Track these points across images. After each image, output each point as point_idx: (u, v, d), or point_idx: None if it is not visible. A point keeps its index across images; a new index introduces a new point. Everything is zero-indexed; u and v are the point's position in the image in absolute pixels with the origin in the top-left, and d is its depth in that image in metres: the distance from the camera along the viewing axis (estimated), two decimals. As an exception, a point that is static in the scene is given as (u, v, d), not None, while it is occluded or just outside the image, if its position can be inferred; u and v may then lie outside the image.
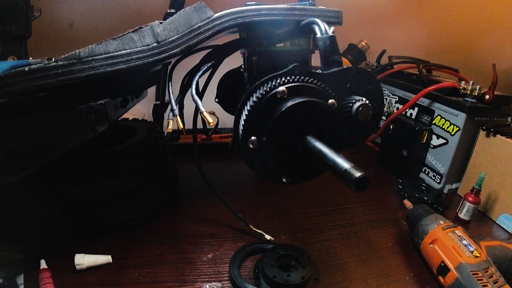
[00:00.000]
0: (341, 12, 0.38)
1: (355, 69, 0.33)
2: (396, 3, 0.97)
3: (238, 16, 0.34)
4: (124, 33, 0.32)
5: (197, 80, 0.38)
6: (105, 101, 0.33)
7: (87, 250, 0.42)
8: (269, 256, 0.40)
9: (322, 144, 0.26)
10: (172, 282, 0.40)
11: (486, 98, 0.58)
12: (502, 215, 0.54)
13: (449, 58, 1.05)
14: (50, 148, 0.32)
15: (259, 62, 0.39)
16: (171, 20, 0.33)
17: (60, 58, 0.29)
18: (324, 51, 0.32)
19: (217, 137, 0.82)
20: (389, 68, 0.84)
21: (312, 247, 0.47)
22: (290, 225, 0.52)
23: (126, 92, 0.43)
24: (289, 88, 0.28)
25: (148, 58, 0.33)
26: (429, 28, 1.05)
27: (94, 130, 0.32)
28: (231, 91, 0.55)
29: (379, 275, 0.42)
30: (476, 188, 0.52)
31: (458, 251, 0.39)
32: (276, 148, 0.28)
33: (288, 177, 0.32)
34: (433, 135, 0.65)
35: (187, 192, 0.61)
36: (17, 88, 0.28)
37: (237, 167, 0.72)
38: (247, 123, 0.29)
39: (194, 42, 0.34)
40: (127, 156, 0.46)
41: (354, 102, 0.31)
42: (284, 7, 0.35)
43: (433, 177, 0.66)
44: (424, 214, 0.46)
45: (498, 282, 0.35)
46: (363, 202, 0.59)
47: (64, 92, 0.31)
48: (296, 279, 0.37)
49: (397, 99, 0.78)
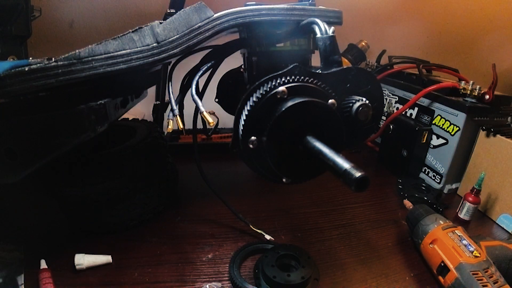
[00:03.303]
0: (341, 12, 0.38)
1: (355, 69, 0.33)
2: (396, 3, 0.97)
3: (238, 16, 0.34)
4: (124, 33, 0.32)
5: (197, 80, 0.38)
6: (105, 101, 0.33)
7: (87, 250, 0.42)
8: (269, 256, 0.40)
9: (322, 144, 0.26)
10: (172, 282, 0.40)
11: (486, 98, 0.58)
12: (502, 215, 0.54)
13: (449, 58, 1.05)
14: (50, 148, 0.32)
15: (259, 62, 0.39)
16: (171, 20, 0.33)
17: (60, 58, 0.29)
18: (324, 51, 0.32)
19: (217, 137, 0.82)
20: (389, 68, 0.84)
21: (312, 247, 0.47)
22: (290, 225, 0.52)
23: (126, 92, 0.43)
24: (289, 88, 0.28)
25: (148, 58, 0.33)
26: (429, 28, 1.05)
27: (94, 130, 0.32)
28: (231, 91, 0.55)
29: (379, 275, 0.42)
30: (476, 188, 0.52)
31: (458, 251, 0.39)
32: (276, 148, 0.28)
33: (288, 177, 0.32)
34: (433, 135, 0.65)
35: (187, 192, 0.61)
36: (17, 88, 0.28)
37: (237, 167, 0.72)
38: (247, 123, 0.29)
39: (194, 42, 0.34)
40: (127, 156, 0.46)
41: (354, 102, 0.31)
42: (284, 7, 0.35)
43: (433, 177, 0.66)
44: (424, 214, 0.46)
45: (498, 282, 0.35)
46: (363, 202, 0.59)
47: (64, 92, 0.31)
48: (296, 279, 0.37)
49: (397, 99, 0.78)
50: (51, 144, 0.32)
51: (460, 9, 1.05)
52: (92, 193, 0.44)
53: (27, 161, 0.32)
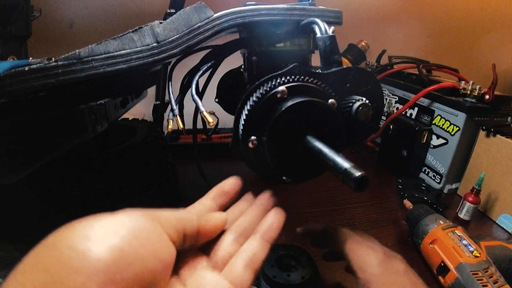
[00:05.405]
0: (341, 12, 0.38)
1: (355, 69, 0.33)
2: (396, 3, 0.97)
3: (238, 16, 0.34)
4: (124, 33, 0.32)
5: (197, 80, 0.38)
6: (105, 101, 0.33)
7: (87, 250, 0.42)
8: (269, 256, 0.40)
9: (322, 144, 0.26)
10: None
11: (486, 98, 0.58)
12: (502, 215, 0.54)
13: (449, 58, 1.05)
14: (50, 148, 0.32)
15: (259, 62, 0.39)
16: (171, 20, 0.33)
17: (60, 58, 0.29)
18: (324, 51, 0.32)
19: (217, 137, 0.82)
20: (389, 68, 0.84)
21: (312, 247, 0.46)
22: (290, 225, 0.52)
23: (126, 92, 0.43)
24: (289, 88, 0.28)
25: (148, 58, 0.33)
26: (429, 28, 1.05)
27: (94, 130, 0.32)
28: (231, 91, 0.55)
29: (379, 275, 0.42)
30: (476, 188, 0.52)
31: (458, 251, 0.39)
32: (276, 148, 0.28)
33: (288, 177, 0.32)
34: (433, 135, 0.65)
35: (187, 192, 0.61)
36: (17, 88, 0.28)
37: (237, 167, 0.71)
38: (247, 123, 0.29)
39: (194, 42, 0.34)
40: (127, 156, 0.46)
41: (354, 102, 0.31)
42: (284, 7, 0.35)
43: (433, 177, 0.66)
44: (424, 214, 0.46)
45: (498, 282, 0.35)
46: (363, 202, 0.59)
47: (64, 92, 0.31)
48: (296, 279, 0.37)
49: (397, 99, 0.78)
50: (51, 144, 0.32)
51: (460, 9, 1.05)
52: (92, 193, 0.44)
53: (27, 161, 0.32)
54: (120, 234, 0.17)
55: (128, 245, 0.16)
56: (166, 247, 0.19)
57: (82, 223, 0.17)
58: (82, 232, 0.16)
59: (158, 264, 0.17)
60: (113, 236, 0.16)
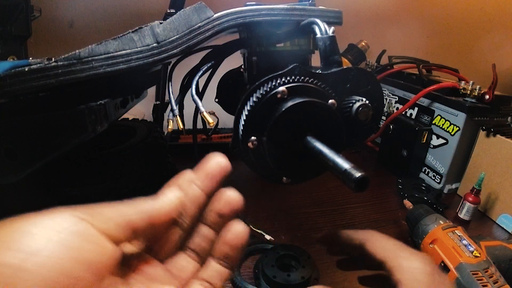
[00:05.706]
0: (341, 12, 0.38)
1: (355, 69, 0.33)
2: (396, 3, 0.97)
3: (238, 16, 0.34)
4: (124, 33, 0.32)
5: (197, 80, 0.38)
6: (105, 101, 0.33)
7: (87, 250, 0.42)
8: (269, 256, 0.40)
9: (322, 144, 0.26)
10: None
11: (486, 98, 0.58)
12: (502, 215, 0.54)
13: (449, 58, 1.05)
14: (50, 148, 0.32)
15: (259, 62, 0.39)
16: (171, 20, 0.33)
17: (60, 58, 0.29)
18: (324, 51, 0.32)
19: (217, 137, 0.82)
20: (389, 68, 0.84)
21: (312, 247, 0.46)
22: (290, 225, 0.52)
23: (126, 92, 0.43)
24: (289, 88, 0.28)
25: (148, 58, 0.33)
26: (429, 28, 1.05)
27: (94, 130, 0.32)
28: (231, 91, 0.55)
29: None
30: (476, 188, 0.52)
31: (458, 251, 0.39)
32: (276, 148, 0.28)
33: (288, 177, 0.32)
34: (433, 135, 0.65)
35: (187, 192, 0.60)
36: (17, 88, 0.28)
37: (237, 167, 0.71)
38: (247, 123, 0.29)
39: (194, 42, 0.34)
40: (127, 156, 0.46)
41: (354, 102, 0.31)
42: (284, 7, 0.35)
43: (433, 177, 0.66)
44: (424, 214, 0.46)
45: (498, 282, 0.35)
46: (363, 202, 0.59)
47: (64, 92, 0.31)
48: (296, 279, 0.37)
49: (397, 99, 0.78)
50: (51, 144, 0.32)
51: (460, 9, 1.05)
52: (92, 193, 0.44)
53: (27, 161, 0.32)
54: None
55: (35, 256, 0.14)
56: (96, 251, 0.17)
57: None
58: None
59: (86, 272, 0.15)
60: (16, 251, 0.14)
